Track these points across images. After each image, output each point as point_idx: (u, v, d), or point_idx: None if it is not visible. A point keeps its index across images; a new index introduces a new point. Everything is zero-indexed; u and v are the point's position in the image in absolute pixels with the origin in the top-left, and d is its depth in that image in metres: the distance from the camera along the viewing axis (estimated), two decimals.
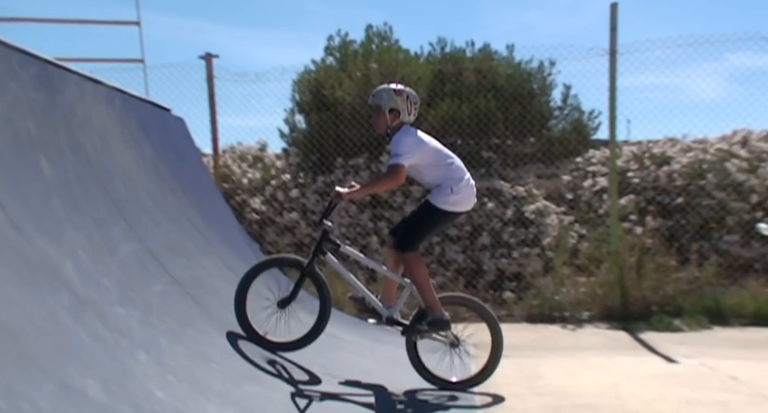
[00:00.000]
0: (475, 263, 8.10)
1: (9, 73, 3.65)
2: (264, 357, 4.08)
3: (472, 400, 4.14)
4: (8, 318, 2.38)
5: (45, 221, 3.20)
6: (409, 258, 4.06)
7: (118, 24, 6.58)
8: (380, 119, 4.16)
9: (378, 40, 9.24)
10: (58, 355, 2.51)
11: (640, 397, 4.25)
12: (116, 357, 2.86)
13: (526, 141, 9.07)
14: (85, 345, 2.74)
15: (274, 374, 3.90)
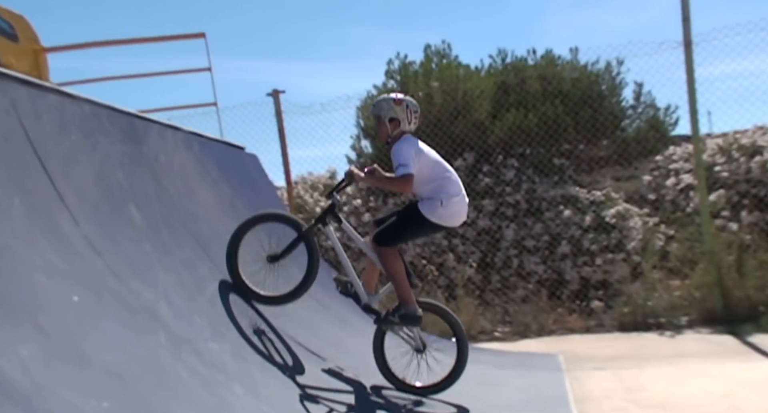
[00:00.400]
0: (556, 274, 7.85)
1: (99, 130, 3.94)
2: (353, 381, 4.12)
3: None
4: (114, 360, 2.54)
5: (139, 266, 3.41)
6: (385, 253, 4.09)
7: (191, 72, 6.98)
8: (381, 128, 4.16)
9: (437, 59, 9.29)
10: (161, 392, 2.64)
11: (757, 405, 3.94)
12: (214, 391, 2.97)
13: (600, 144, 8.76)
14: (185, 382, 2.87)
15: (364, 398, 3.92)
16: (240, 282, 4.22)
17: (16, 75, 3.29)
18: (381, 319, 4.16)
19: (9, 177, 2.79)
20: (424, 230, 4.22)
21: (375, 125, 4.23)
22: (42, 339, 2.25)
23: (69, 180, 3.29)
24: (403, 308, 4.07)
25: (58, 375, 2.15)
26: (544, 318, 7.20)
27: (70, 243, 2.97)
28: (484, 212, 8.30)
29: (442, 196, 4.03)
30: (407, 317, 4.06)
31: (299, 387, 3.67)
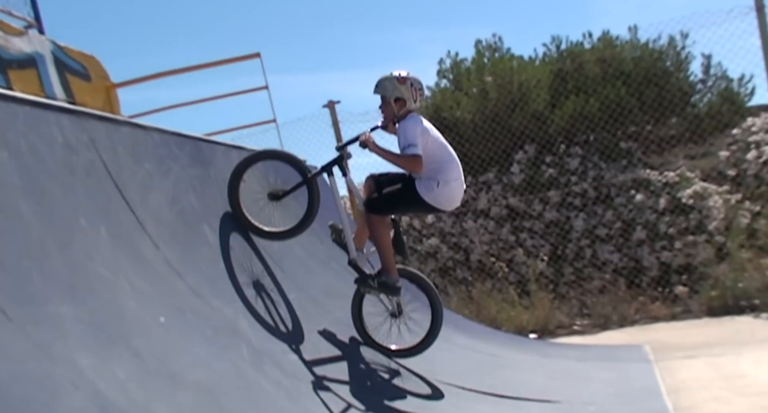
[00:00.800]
0: (633, 261, 7.55)
1: (170, 156, 4.12)
2: (429, 380, 4.11)
3: (665, 408, 3.79)
4: (202, 377, 2.65)
5: (217, 284, 3.54)
6: (373, 219, 4.05)
7: (249, 92, 7.18)
8: (387, 109, 4.10)
9: (489, 53, 9.15)
10: (248, 406, 2.73)
11: None
12: (298, 400, 3.05)
13: (669, 123, 8.36)
14: (270, 394, 2.96)
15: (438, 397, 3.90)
16: (240, 215, 4.28)
17: (92, 112, 3.50)
18: (360, 280, 4.15)
19: (94, 209, 2.97)
20: (416, 208, 4.21)
21: (380, 105, 4.14)
22: (136, 361, 2.37)
23: (146, 207, 3.46)
24: (384, 276, 4.06)
25: (153, 394, 2.27)
26: (625, 307, 6.94)
27: (153, 267, 3.12)
28: (550, 204, 8.10)
29: (439, 178, 3.96)
30: (385, 285, 4.06)
31: (374, 391, 3.70)
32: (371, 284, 4.10)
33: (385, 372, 4.11)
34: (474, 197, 8.48)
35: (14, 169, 2.51)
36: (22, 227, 2.37)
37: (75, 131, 3.13)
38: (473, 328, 6.29)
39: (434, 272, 8.39)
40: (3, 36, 4.67)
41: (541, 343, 6.50)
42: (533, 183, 8.21)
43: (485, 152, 8.41)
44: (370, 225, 4.08)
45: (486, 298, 7.32)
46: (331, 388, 3.41)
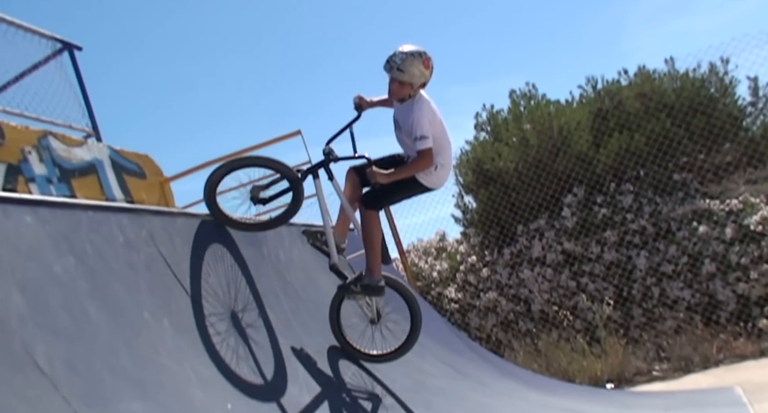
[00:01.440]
0: (706, 296, 7.15)
1: (224, 241, 4.26)
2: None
3: None
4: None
5: (279, 363, 3.56)
6: (370, 216, 3.93)
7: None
8: (403, 90, 3.83)
9: (525, 101, 9.21)
10: None
11: None
12: None
13: (722, 149, 8.11)
14: None
15: None
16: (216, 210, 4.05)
17: (148, 208, 3.69)
18: (344, 287, 4.04)
19: (156, 302, 3.08)
20: (413, 192, 4.06)
21: (396, 86, 3.82)
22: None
23: (206, 294, 3.56)
24: (367, 279, 3.94)
25: None
26: (706, 347, 6.52)
27: (217, 354, 3.18)
28: (608, 245, 7.85)
29: (439, 160, 3.87)
30: (369, 288, 3.94)
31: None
32: (354, 290, 3.99)
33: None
34: (527, 246, 8.33)
35: (81, 273, 2.66)
36: (90, 329, 2.48)
37: (134, 228, 3.29)
38: (544, 383, 6.03)
39: (495, 326, 8.18)
40: (65, 148, 5.08)
41: (619, 393, 6.15)
42: (587, 225, 8.01)
43: (533, 199, 8.32)
44: (368, 222, 3.94)
45: (554, 349, 7.04)
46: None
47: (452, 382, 5.00)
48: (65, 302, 2.46)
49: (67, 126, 5.55)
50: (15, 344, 2.08)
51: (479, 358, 5.82)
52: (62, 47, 5.91)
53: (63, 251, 2.66)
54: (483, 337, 8.09)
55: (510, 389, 4.86)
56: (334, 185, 4.10)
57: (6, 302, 2.17)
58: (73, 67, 5.89)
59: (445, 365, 5.19)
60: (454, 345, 6.01)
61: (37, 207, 2.68)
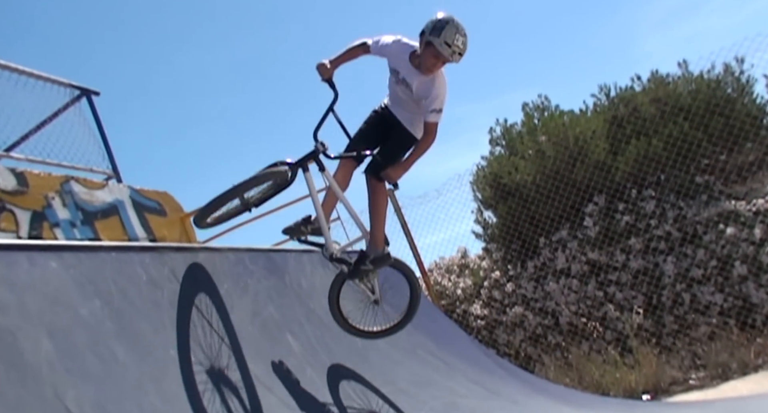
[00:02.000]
0: (740, 300, 6.98)
1: (245, 272, 4.31)
2: None
3: None
4: None
5: (305, 393, 3.56)
6: (380, 188, 3.87)
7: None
8: (439, 64, 3.62)
9: (538, 114, 9.20)
10: None
11: None
12: None
13: (744, 149, 7.98)
14: None
15: None
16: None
17: (169, 245, 3.76)
18: (354, 271, 3.95)
19: (181, 338, 3.12)
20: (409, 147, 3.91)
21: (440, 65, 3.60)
22: None
23: (229, 327, 3.59)
24: (374, 252, 3.90)
25: None
26: (743, 352, 6.35)
27: (244, 387, 3.20)
28: (633, 252, 7.74)
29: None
30: (379, 259, 3.92)
31: None
32: (366, 268, 3.92)
33: None
34: (551, 258, 8.24)
35: (107, 315, 2.71)
36: (119, 370, 2.52)
37: (156, 266, 3.35)
38: (577, 397, 5.91)
39: (524, 341, 8.06)
40: (87, 192, 5.22)
41: (657, 405, 6.00)
42: (610, 234, 7.91)
43: (553, 210, 8.25)
44: (377, 194, 3.88)
45: (585, 362, 6.91)
46: None
47: (484, 402, 4.94)
48: (93, 345, 2.51)
49: (88, 170, 5.72)
50: (46, 390, 2.13)
51: (509, 376, 5.74)
52: (80, 94, 6.10)
53: (88, 293, 2.72)
54: (512, 353, 7.99)
55: (543, 406, 4.77)
56: (325, 176, 3.89)
57: (36, 349, 2.22)
58: (91, 112, 6.08)
59: (476, 384, 5.13)
60: (483, 364, 5.95)
61: (61, 252, 2.75)
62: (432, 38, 3.51)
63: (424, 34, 3.57)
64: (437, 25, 3.53)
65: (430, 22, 3.57)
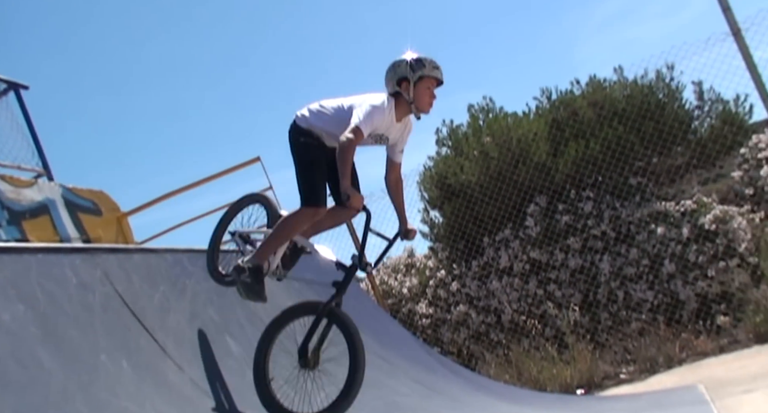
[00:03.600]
0: (669, 297, 7.34)
1: (184, 274, 4.23)
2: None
3: None
4: None
5: (245, 396, 3.53)
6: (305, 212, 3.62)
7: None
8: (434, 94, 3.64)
9: (483, 115, 9.38)
10: None
11: None
12: None
13: (673, 152, 8.39)
14: None
15: None
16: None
17: (102, 246, 3.65)
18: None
19: (113, 342, 3.04)
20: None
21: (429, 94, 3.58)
22: None
23: (166, 329, 3.52)
24: (248, 261, 3.65)
25: None
26: (669, 347, 6.68)
27: (180, 391, 3.15)
28: (572, 252, 8.01)
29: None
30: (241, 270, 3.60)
31: None
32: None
33: None
34: (494, 257, 8.43)
35: (31, 319, 2.61)
36: (43, 377, 2.44)
37: (88, 269, 3.25)
38: (516, 393, 6.09)
39: (467, 340, 8.22)
40: (14, 190, 4.98)
41: (589, 399, 6.24)
42: (549, 233, 8.17)
43: (496, 210, 8.44)
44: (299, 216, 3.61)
45: (524, 359, 7.12)
46: None
47: (425, 401, 5.00)
48: (14, 351, 2.42)
49: (15, 167, 5.48)
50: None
51: (451, 374, 5.85)
52: (7, 87, 5.83)
53: (11, 297, 2.62)
54: (455, 351, 8.13)
55: (482, 403, 4.90)
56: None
57: None
58: (19, 106, 5.81)
59: (417, 383, 5.20)
60: (425, 362, 6.03)
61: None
62: (421, 73, 3.52)
63: (406, 79, 3.51)
64: (413, 62, 3.53)
65: (404, 65, 3.52)
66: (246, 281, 3.52)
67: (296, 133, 3.67)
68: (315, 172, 3.60)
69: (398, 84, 3.54)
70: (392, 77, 3.56)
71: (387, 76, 3.60)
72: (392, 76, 3.56)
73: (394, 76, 3.55)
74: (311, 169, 3.60)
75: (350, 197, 3.30)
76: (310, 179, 3.59)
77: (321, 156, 3.63)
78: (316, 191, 3.57)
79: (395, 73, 3.54)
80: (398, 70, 3.53)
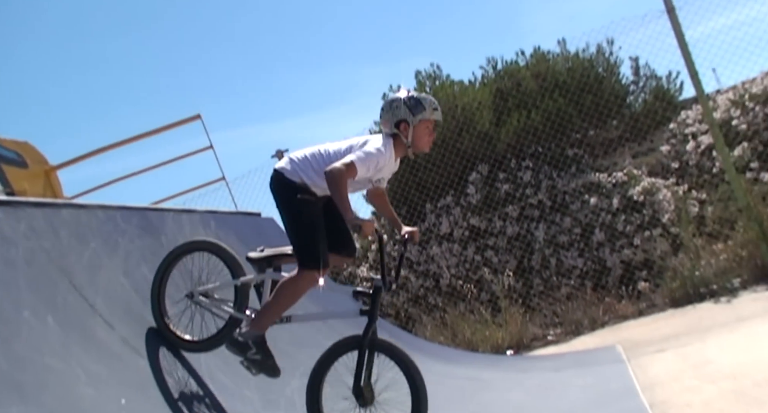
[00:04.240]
0: (597, 264, 7.72)
1: (117, 231, 4.12)
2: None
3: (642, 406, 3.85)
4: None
5: (180, 354, 3.52)
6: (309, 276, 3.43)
7: (194, 154, 7.21)
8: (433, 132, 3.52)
9: (429, 82, 9.40)
10: None
11: None
12: None
13: (609, 126, 8.70)
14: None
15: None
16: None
17: (28, 200, 3.49)
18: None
19: (38, 298, 2.95)
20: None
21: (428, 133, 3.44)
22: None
23: (96, 287, 3.44)
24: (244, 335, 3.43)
25: None
26: (594, 311, 7.07)
27: (109, 349, 3.10)
28: (509, 220, 8.26)
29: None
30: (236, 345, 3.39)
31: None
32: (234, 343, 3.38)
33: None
34: (436, 223, 8.59)
35: None
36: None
37: (11, 222, 3.12)
38: (449, 354, 6.32)
39: (406, 303, 8.42)
40: None
41: (518, 359, 6.56)
42: (489, 201, 8.37)
43: (439, 177, 8.56)
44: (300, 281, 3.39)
45: (460, 321, 7.37)
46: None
47: None
48: None
49: None
50: None
51: (386, 334, 5.97)
52: None
53: None
54: (393, 313, 8.32)
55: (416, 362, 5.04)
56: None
57: None
58: None
59: None
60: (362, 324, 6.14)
61: None
62: (421, 116, 3.34)
63: (405, 121, 3.33)
64: (411, 102, 3.36)
65: (403, 107, 3.34)
66: (255, 359, 3.29)
67: (289, 188, 3.36)
68: (316, 233, 3.32)
69: (396, 126, 3.36)
70: (390, 119, 3.38)
71: (384, 116, 3.41)
72: (390, 117, 3.38)
73: (392, 118, 3.37)
74: (312, 230, 3.33)
75: (361, 227, 3.08)
76: (313, 242, 3.31)
77: (319, 211, 3.39)
78: (317, 254, 3.29)
79: (393, 114, 3.36)
80: (396, 111, 3.35)
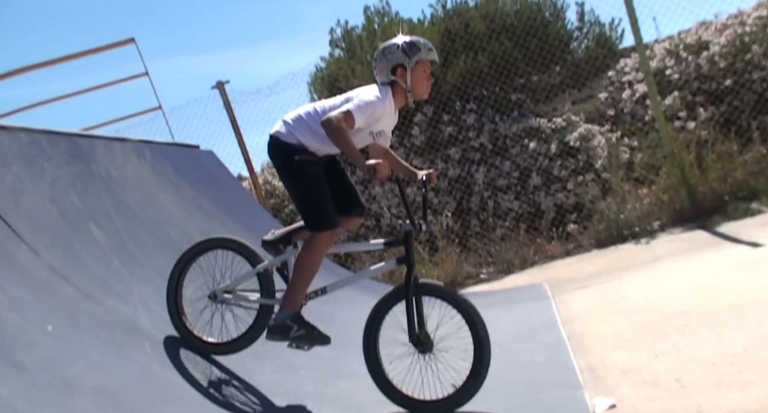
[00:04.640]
0: (532, 207, 8.00)
1: (42, 156, 3.92)
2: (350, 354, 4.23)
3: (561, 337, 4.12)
4: (101, 380, 2.62)
5: (111, 283, 3.46)
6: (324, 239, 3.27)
7: (128, 80, 6.86)
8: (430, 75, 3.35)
9: (379, 19, 9.17)
10: (156, 402, 2.73)
11: (732, 289, 4.09)
12: (207, 391, 3.07)
13: (552, 72, 8.80)
14: (177, 386, 2.97)
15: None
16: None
17: None
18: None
19: None
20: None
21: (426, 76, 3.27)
22: (22, 375, 2.31)
23: (20, 212, 3.30)
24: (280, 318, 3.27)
25: (44, 406, 2.23)
26: (525, 251, 7.38)
27: (34, 274, 3.01)
28: (451, 161, 8.37)
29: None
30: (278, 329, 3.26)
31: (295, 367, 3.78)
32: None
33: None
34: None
35: None
36: None
37: None
38: (382, 288, 6.47)
39: (347, 241, 8.50)
40: None
41: None
42: (433, 143, 8.43)
43: None
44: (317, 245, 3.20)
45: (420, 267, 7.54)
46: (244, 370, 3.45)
47: None
48: None
49: None
50: None
51: (326, 271, 6.06)
52: None
53: None
54: None
55: (351, 297, 5.16)
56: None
57: None
58: None
59: None
60: None
61: None
62: (417, 57, 3.17)
63: (401, 66, 3.16)
64: (406, 47, 3.18)
65: (398, 51, 3.17)
66: (301, 335, 3.16)
67: (285, 151, 3.23)
68: (320, 191, 3.20)
69: (393, 72, 3.20)
70: (385, 65, 3.20)
71: (378, 65, 3.24)
72: (385, 64, 3.20)
73: (387, 64, 3.19)
74: (316, 189, 3.20)
75: (375, 169, 2.87)
76: (318, 201, 3.18)
77: (320, 170, 3.25)
78: (327, 213, 3.17)
79: (388, 60, 3.19)
80: (391, 57, 3.19)
